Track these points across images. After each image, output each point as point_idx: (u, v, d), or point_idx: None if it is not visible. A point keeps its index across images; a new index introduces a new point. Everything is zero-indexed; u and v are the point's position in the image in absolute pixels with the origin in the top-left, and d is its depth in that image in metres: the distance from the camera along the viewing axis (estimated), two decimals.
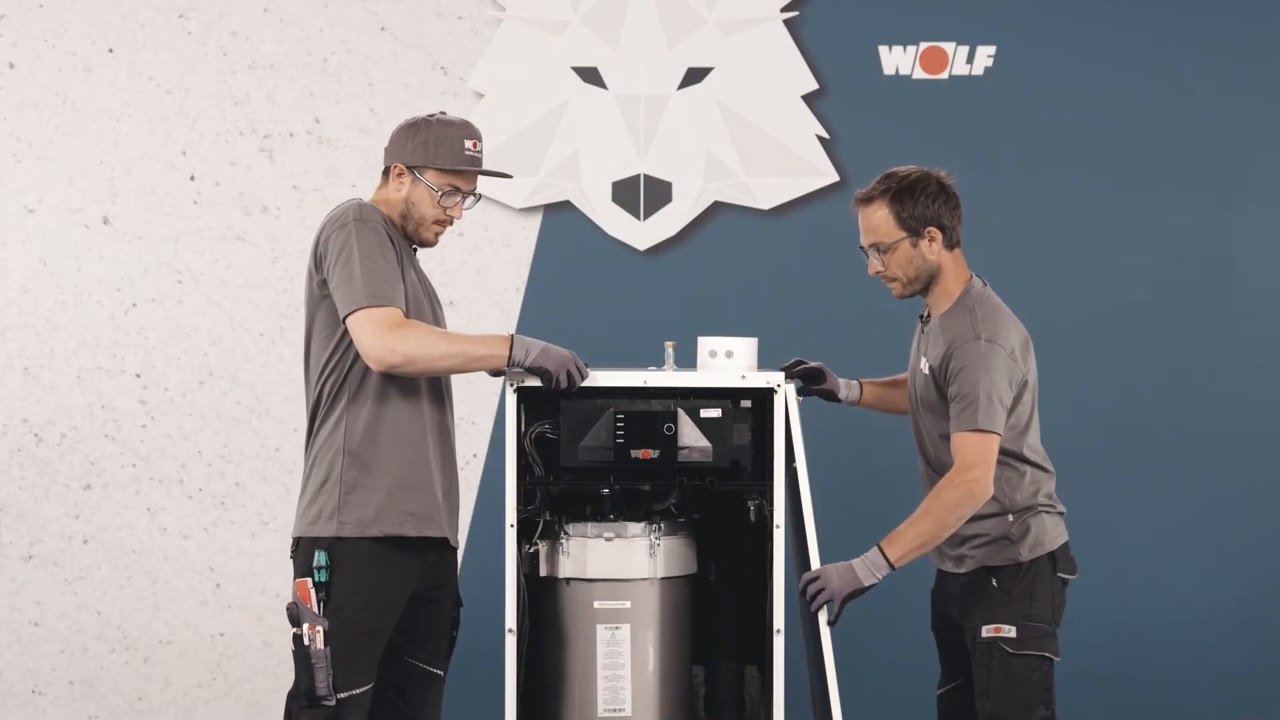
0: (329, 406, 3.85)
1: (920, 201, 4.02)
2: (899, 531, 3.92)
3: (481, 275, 5.64)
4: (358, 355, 3.80)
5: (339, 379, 3.84)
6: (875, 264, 4.07)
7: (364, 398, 3.82)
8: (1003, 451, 3.99)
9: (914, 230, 4.02)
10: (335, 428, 3.83)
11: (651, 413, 3.89)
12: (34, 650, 5.67)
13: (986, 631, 3.99)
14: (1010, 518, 4.02)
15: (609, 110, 5.60)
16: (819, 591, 3.89)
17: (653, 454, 3.88)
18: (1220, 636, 5.56)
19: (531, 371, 3.85)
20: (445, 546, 3.96)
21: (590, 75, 5.61)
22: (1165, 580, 5.56)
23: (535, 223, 5.66)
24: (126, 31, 5.63)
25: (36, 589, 5.66)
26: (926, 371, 4.04)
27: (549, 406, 3.93)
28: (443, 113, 3.95)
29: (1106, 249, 5.59)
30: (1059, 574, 4.04)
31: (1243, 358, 5.58)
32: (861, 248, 4.09)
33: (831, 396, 4.34)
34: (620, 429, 3.88)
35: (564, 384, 3.84)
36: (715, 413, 3.90)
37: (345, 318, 3.76)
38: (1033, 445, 4.07)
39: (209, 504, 5.65)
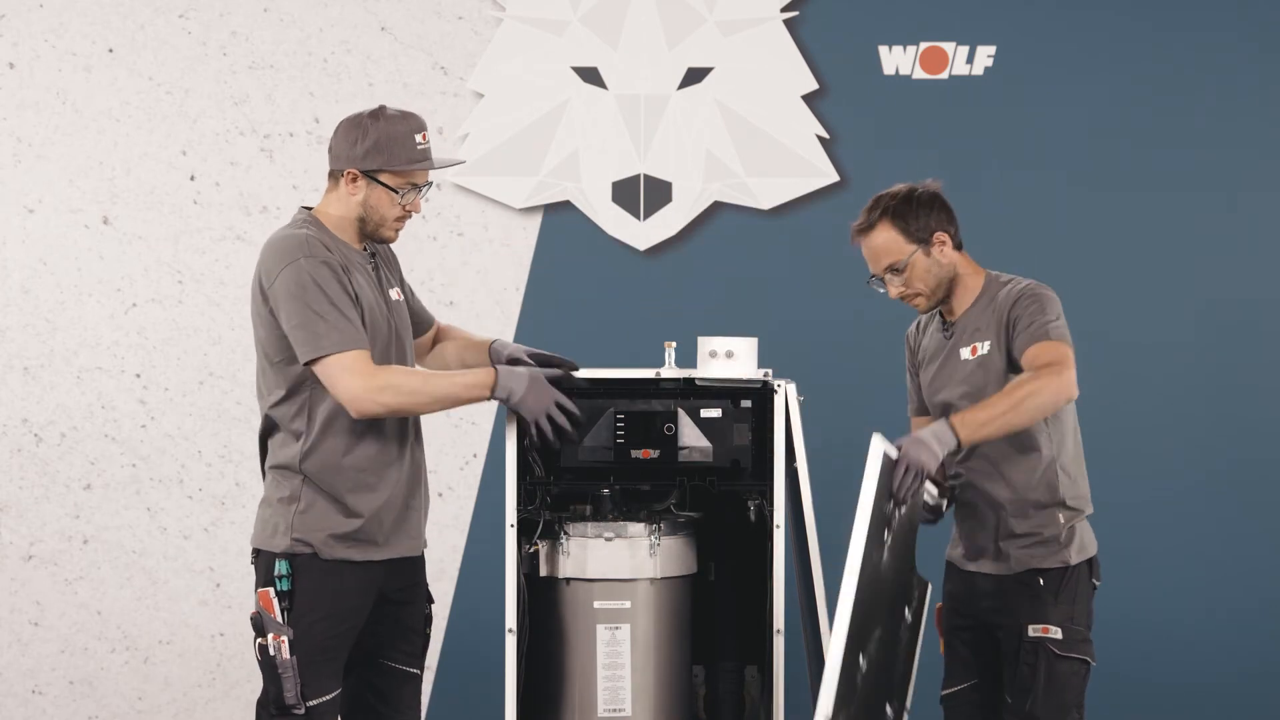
0: (283, 421, 3.81)
1: (919, 212, 4.03)
2: (972, 409, 3.83)
3: (481, 275, 5.64)
4: (309, 375, 3.76)
5: (291, 395, 3.79)
6: (895, 286, 4.05)
7: (317, 413, 3.78)
8: (1054, 445, 4.03)
9: (923, 240, 4.02)
10: (287, 443, 3.80)
11: (652, 412, 3.89)
12: (34, 650, 5.67)
13: (1034, 631, 4.02)
14: (1062, 517, 4.05)
15: (609, 110, 5.60)
16: (914, 477, 3.73)
17: (653, 454, 3.89)
18: (1218, 636, 5.57)
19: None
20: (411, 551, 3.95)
21: (590, 75, 5.61)
22: (1162, 579, 5.56)
23: (535, 223, 5.66)
24: (126, 31, 5.64)
25: (36, 589, 5.66)
26: (984, 352, 4.02)
27: None
28: (383, 107, 3.86)
29: (1106, 249, 5.59)
30: (1093, 579, 4.11)
31: (1247, 358, 5.59)
32: (874, 276, 4.08)
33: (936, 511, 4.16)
34: (620, 429, 3.88)
35: (545, 431, 3.82)
36: (715, 412, 3.91)
37: (310, 363, 3.70)
38: (1075, 429, 4.13)
39: (209, 504, 5.65)
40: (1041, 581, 4.05)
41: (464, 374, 3.82)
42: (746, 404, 3.92)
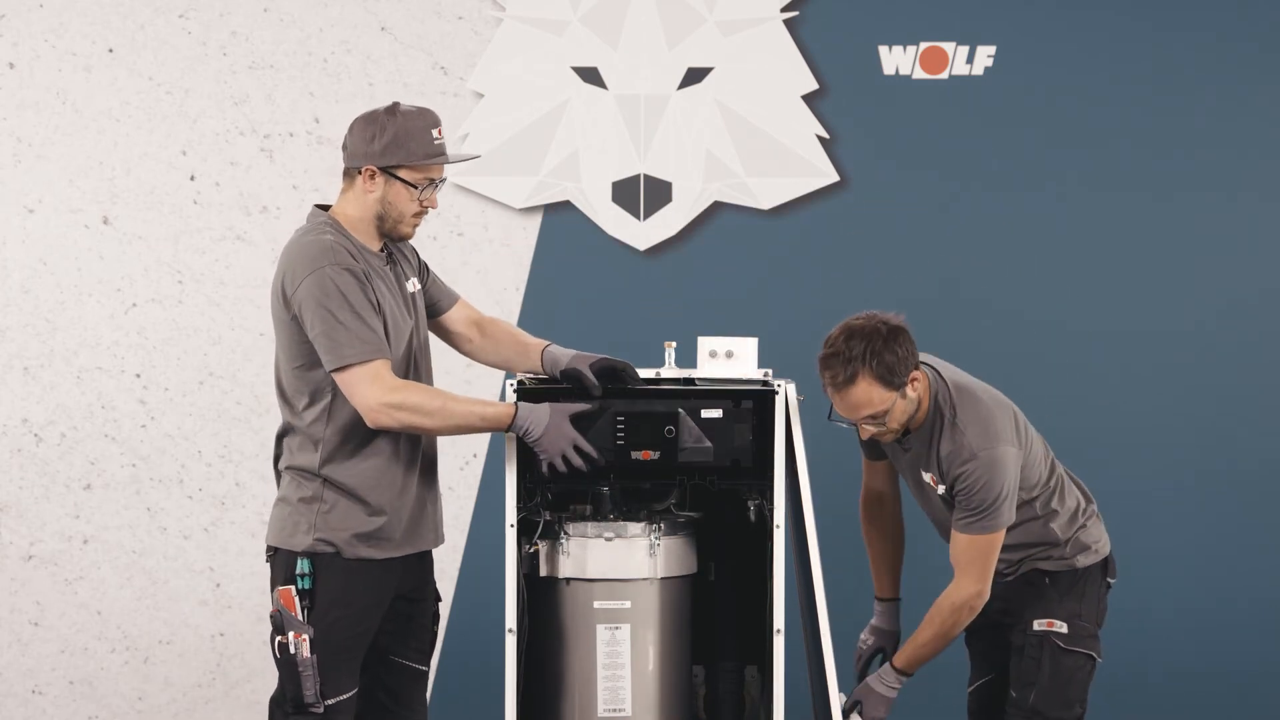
0: (301, 425, 3.81)
1: (897, 353, 3.95)
2: (906, 648, 4.09)
3: (481, 275, 5.64)
4: (327, 377, 3.76)
5: (313, 401, 3.80)
6: (871, 429, 4.02)
7: (336, 419, 3.79)
8: (1042, 509, 4.11)
9: (901, 385, 3.97)
10: (305, 447, 3.80)
11: (652, 413, 3.89)
12: (34, 650, 5.67)
13: (1039, 625, 4.10)
14: (1064, 545, 4.15)
15: (609, 110, 5.60)
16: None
17: (653, 455, 3.88)
18: (1218, 634, 5.57)
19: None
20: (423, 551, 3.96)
21: (590, 75, 5.61)
22: (1161, 578, 5.56)
23: (535, 223, 5.66)
24: (126, 31, 5.63)
25: (36, 589, 5.66)
26: (942, 493, 4.07)
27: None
28: (397, 104, 3.84)
29: (1106, 249, 5.59)
30: (1107, 578, 4.15)
31: (1247, 357, 5.59)
32: (844, 421, 4.04)
33: None
34: (620, 430, 3.87)
35: (560, 470, 3.82)
36: (716, 413, 3.90)
37: (333, 371, 3.71)
38: (1058, 475, 4.16)
39: (209, 504, 5.65)
40: (1048, 580, 4.11)
41: (484, 405, 3.81)
42: (747, 404, 3.91)
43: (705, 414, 3.90)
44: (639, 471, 3.90)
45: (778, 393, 3.90)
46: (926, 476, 4.08)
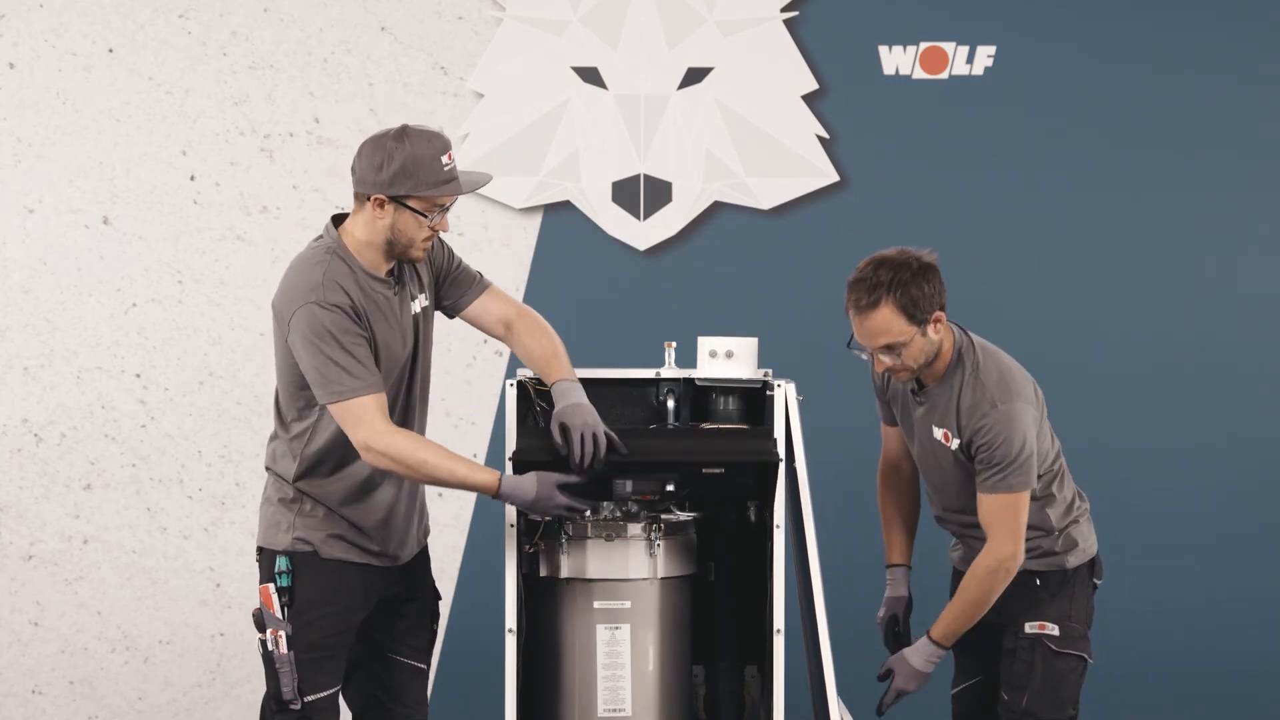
0: (285, 436, 3.83)
1: (924, 289, 3.94)
2: (941, 619, 4.08)
3: None
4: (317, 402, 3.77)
5: (296, 414, 3.80)
6: (887, 361, 3.98)
7: (317, 438, 3.80)
8: (1042, 491, 4.08)
9: (923, 321, 3.94)
10: (285, 457, 3.82)
11: (654, 474, 3.86)
12: (34, 650, 5.67)
13: (1030, 628, 4.09)
14: (1056, 535, 4.13)
15: (609, 110, 5.60)
16: (899, 692, 4.15)
17: (654, 497, 3.89)
18: (1215, 635, 5.57)
19: None
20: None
21: (590, 75, 5.61)
22: (1159, 578, 5.57)
23: (535, 223, 5.66)
24: (126, 31, 5.64)
25: (36, 589, 5.66)
26: (955, 449, 4.04)
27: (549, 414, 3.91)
28: (406, 127, 3.77)
29: (1106, 249, 5.59)
30: (1094, 579, 4.16)
31: (1246, 357, 5.59)
32: (863, 350, 4.00)
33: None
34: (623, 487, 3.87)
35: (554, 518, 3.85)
36: (718, 469, 3.89)
37: (324, 405, 3.71)
38: (1061, 464, 4.15)
39: (209, 504, 5.65)
40: (1038, 581, 4.10)
41: (469, 469, 3.77)
42: (749, 464, 3.89)
43: (707, 471, 3.88)
44: (639, 504, 3.92)
45: (781, 460, 3.88)
46: (939, 433, 4.04)
